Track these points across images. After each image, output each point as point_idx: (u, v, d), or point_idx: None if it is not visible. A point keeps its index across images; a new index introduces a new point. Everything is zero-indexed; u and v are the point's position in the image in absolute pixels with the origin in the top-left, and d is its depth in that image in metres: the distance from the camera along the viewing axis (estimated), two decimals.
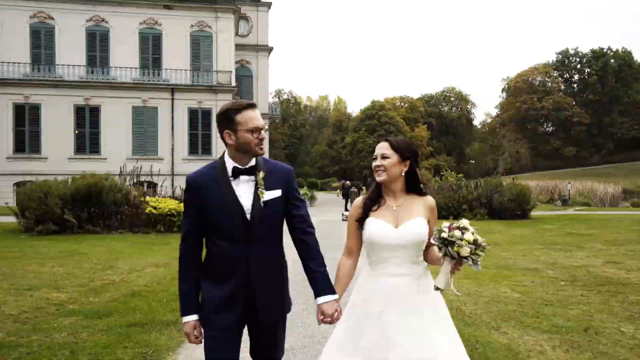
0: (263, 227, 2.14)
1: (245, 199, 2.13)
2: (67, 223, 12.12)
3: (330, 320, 2.15)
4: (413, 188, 2.35)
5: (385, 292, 2.22)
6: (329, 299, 2.17)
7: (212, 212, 2.12)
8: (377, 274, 2.28)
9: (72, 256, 8.57)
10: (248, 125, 2.12)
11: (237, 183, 2.15)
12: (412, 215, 2.28)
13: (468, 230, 2.12)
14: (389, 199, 2.34)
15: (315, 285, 2.20)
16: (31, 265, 7.40)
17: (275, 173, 2.21)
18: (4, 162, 26.09)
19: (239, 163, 2.17)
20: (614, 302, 5.82)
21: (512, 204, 18.19)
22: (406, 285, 2.23)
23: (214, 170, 2.18)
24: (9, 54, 26.70)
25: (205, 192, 2.13)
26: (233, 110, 2.14)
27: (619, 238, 12.12)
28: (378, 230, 2.26)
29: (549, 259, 9.16)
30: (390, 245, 2.25)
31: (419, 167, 2.38)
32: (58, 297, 5.47)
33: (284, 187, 2.21)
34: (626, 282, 6.98)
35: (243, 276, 2.11)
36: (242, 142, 2.13)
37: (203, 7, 29.34)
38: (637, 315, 5.22)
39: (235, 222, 2.11)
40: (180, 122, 28.07)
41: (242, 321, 2.17)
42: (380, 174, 2.30)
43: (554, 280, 7.11)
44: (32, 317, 4.72)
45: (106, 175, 13.75)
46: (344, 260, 2.36)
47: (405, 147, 2.33)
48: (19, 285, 6.02)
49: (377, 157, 2.32)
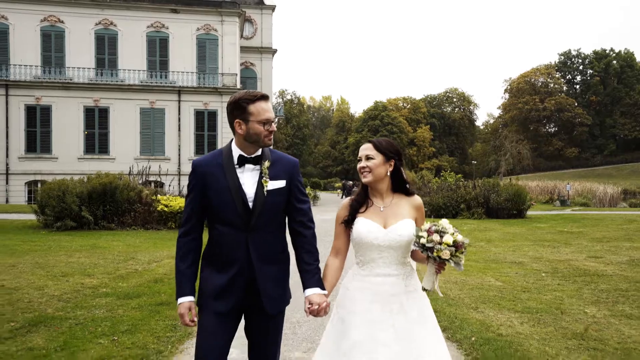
0: (265, 215, 2.15)
1: (249, 187, 2.15)
2: (83, 220, 12.83)
3: (317, 309, 2.13)
4: (399, 188, 2.37)
5: (373, 292, 2.24)
6: (318, 291, 2.17)
7: (215, 197, 2.13)
8: (365, 273, 2.29)
9: (93, 249, 9.29)
10: (260, 116, 2.14)
11: (242, 171, 2.16)
12: (400, 216, 2.31)
13: (447, 232, 2.15)
14: (377, 200, 2.36)
15: (306, 278, 2.20)
16: (60, 257, 8.12)
17: (281, 164, 2.23)
18: (16, 161, 26.89)
19: (245, 152, 2.18)
20: (585, 289, 6.49)
21: (509, 204, 18.83)
22: (393, 285, 2.25)
23: (220, 157, 2.19)
24: (20, 57, 27.50)
25: (210, 177, 2.14)
26: (246, 100, 2.14)
27: (606, 236, 12.75)
28: (367, 230, 2.27)
29: (536, 254, 9.81)
30: (379, 246, 2.26)
31: (403, 166, 2.40)
32: (91, 282, 6.19)
33: (288, 178, 2.22)
34: (602, 273, 7.64)
35: (243, 263, 2.12)
36: (252, 133, 2.14)
37: (209, 11, 30.06)
38: (603, 300, 5.89)
39: (237, 209, 2.11)
40: (186, 123, 28.80)
41: (240, 308, 2.17)
42: (365, 175, 2.33)
43: (536, 272, 7.78)
44: (72, 297, 5.43)
45: (119, 174, 14.47)
46: (332, 260, 2.36)
47: (389, 147, 2.35)
48: (54, 272, 6.74)
49: (362, 158, 2.35)
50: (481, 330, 4.50)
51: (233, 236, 2.12)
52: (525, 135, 75.67)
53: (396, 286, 2.25)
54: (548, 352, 3.98)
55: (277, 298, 2.18)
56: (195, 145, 28.91)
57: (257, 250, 2.13)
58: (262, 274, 2.13)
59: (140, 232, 12.84)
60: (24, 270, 6.84)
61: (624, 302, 5.79)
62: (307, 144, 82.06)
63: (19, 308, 4.94)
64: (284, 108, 73.26)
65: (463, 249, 2.14)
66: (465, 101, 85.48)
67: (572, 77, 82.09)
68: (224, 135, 28.74)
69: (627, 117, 74.26)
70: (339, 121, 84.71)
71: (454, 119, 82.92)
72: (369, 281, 2.26)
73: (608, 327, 4.77)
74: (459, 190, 20.14)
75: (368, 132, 74.03)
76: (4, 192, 26.64)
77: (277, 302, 2.18)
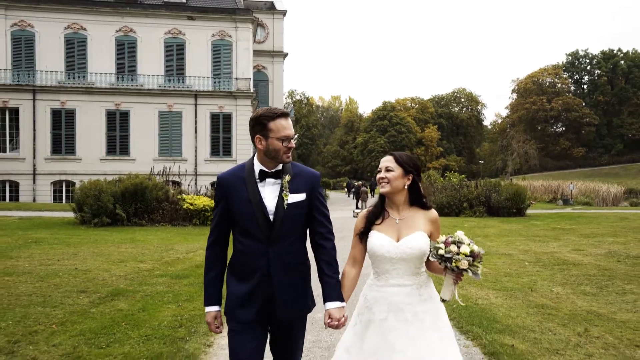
0: (285, 228, 2.23)
1: (270, 201, 2.22)
2: (117, 217, 14.19)
3: (337, 324, 2.24)
4: (416, 201, 2.45)
5: (388, 301, 2.33)
6: (338, 305, 2.27)
7: (237, 210, 2.23)
8: (381, 283, 2.38)
9: (133, 242, 10.61)
10: (280, 133, 2.22)
11: (264, 185, 2.25)
12: (414, 229, 2.37)
13: (464, 243, 2.24)
14: (393, 212, 2.44)
15: (327, 291, 2.29)
16: (109, 248, 9.45)
17: (301, 177, 2.31)
18: (42, 162, 28.42)
19: (266, 167, 2.26)
20: (558, 275, 7.66)
21: (509, 203, 19.93)
22: (408, 295, 2.33)
23: (243, 171, 2.28)
24: (45, 63, 29.02)
25: (232, 190, 2.24)
26: (267, 117, 2.23)
27: (595, 232, 13.85)
28: (379, 244, 2.35)
29: (526, 247, 10.97)
30: (391, 258, 2.34)
31: (421, 181, 2.48)
32: (145, 267, 7.49)
33: (309, 192, 2.30)
34: (578, 263, 8.79)
35: (264, 273, 2.21)
36: (272, 149, 2.22)
37: (223, 17, 31.39)
38: (570, 282, 7.07)
39: (259, 222, 2.20)
40: (202, 125, 30.17)
41: (263, 316, 2.25)
42: (384, 186, 2.42)
43: (521, 262, 8.95)
44: (135, 277, 6.73)
45: (149, 176, 15.83)
46: (349, 269, 2.45)
47: (409, 161, 2.44)
48: (112, 259, 8.06)
49: (382, 169, 2.44)
50: (462, 301, 5.71)
51: (255, 247, 2.21)
52: (533, 135, 76.26)
53: (410, 296, 2.33)
54: (511, 315, 5.20)
55: (292, 306, 2.25)
56: (211, 147, 30.27)
57: (277, 261, 2.21)
58: (281, 283, 2.22)
59: (169, 228, 14.17)
60: (86, 258, 8.17)
61: (587, 284, 6.97)
62: (316, 144, 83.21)
63: (97, 284, 6.25)
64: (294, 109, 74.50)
65: (480, 259, 2.24)
66: (473, 101, 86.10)
67: (579, 77, 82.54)
68: (239, 138, 30.10)
69: (634, 116, 74.62)
70: (348, 121, 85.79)
71: (462, 119, 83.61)
72: (384, 291, 2.36)
73: (566, 300, 5.97)
74: (462, 190, 21.26)
75: (376, 132, 75.05)
76: (32, 192, 28.19)
77: (291, 310, 2.25)
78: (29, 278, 6.45)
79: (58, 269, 7.13)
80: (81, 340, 4.16)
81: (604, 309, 5.55)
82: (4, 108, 28.09)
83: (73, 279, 6.47)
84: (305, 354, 4.00)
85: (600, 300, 5.99)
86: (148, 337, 4.27)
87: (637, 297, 6.15)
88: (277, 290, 2.20)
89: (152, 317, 4.92)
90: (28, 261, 7.68)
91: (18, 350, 3.89)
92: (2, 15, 28.79)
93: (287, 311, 2.23)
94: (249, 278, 2.21)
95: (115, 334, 4.35)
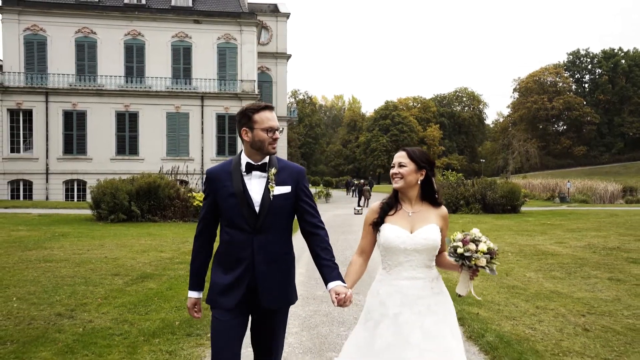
0: (270, 219, 2.31)
1: (256, 193, 2.31)
2: (132, 213, 15.13)
3: (344, 298, 2.20)
4: (428, 197, 2.48)
5: (401, 295, 2.34)
6: (340, 283, 2.27)
7: (222, 202, 2.32)
8: (393, 277, 2.40)
9: (150, 236, 11.54)
10: (264, 124, 2.30)
11: (250, 178, 2.33)
12: (427, 221, 2.41)
13: (481, 241, 2.30)
14: (405, 205, 2.48)
15: (326, 272, 2.32)
16: (130, 240, 10.39)
17: (287, 171, 2.39)
18: (55, 162, 29.45)
19: (252, 159, 2.35)
20: (535, 263, 8.53)
21: (503, 200, 20.79)
22: (421, 288, 2.35)
23: (229, 165, 2.38)
24: (57, 66, 30.04)
25: (218, 183, 2.33)
26: (251, 110, 2.33)
27: (580, 227, 14.69)
28: (394, 235, 2.38)
29: (512, 240, 11.83)
30: (406, 250, 2.37)
31: (434, 176, 2.51)
32: (165, 256, 8.42)
33: (294, 184, 2.37)
34: (557, 253, 9.65)
35: (248, 263, 2.29)
36: (257, 140, 2.31)
37: (228, 21, 32.33)
38: (543, 269, 7.94)
39: (244, 213, 2.28)
40: (209, 126, 31.14)
41: (246, 305, 2.32)
42: (397, 181, 2.46)
43: (505, 253, 9.81)
44: (158, 264, 7.65)
45: (160, 175, 16.78)
46: (356, 258, 2.50)
47: (422, 157, 2.47)
48: (135, 249, 9.00)
49: (395, 165, 2.47)
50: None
51: (240, 238, 2.29)
52: (534, 134, 76.95)
53: (424, 289, 2.36)
54: (483, 293, 6.09)
55: (276, 295, 2.33)
56: (217, 147, 31.24)
57: (262, 251, 2.29)
58: (264, 272, 2.29)
59: (180, 223, 15.10)
60: (112, 248, 9.11)
61: (558, 270, 7.84)
62: (319, 143, 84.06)
63: (127, 269, 7.18)
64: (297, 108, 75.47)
65: (496, 255, 2.31)
66: (475, 100, 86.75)
67: (580, 76, 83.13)
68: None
69: (635, 115, 75.19)
70: (351, 120, 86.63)
71: (464, 118, 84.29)
72: (397, 284, 2.37)
73: (535, 282, 6.85)
74: (459, 188, 22.14)
75: (379, 131, 75.87)
76: (44, 190, 29.23)
77: (275, 299, 2.33)
78: (66, 264, 7.39)
79: (90, 257, 8.07)
80: (124, 309, 5.09)
81: (566, 290, 6.43)
82: (18, 110, 29.13)
83: (105, 265, 7.40)
84: (307, 322, 4.89)
85: (565, 283, 6.87)
86: (178, 307, 5.19)
87: (599, 280, 7.02)
88: (260, 280, 2.28)
89: (178, 293, 5.83)
90: (61, 251, 8.62)
91: (76, 316, 4.82)
92: (16, 20, 29.83)
93: (271, 300, 2.31)
94: (234, 267, 2.29)
95: (150, 305, 5.28)
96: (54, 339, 4.10)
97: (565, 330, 4.60)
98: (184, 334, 4.34)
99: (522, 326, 4.72)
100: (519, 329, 4.62)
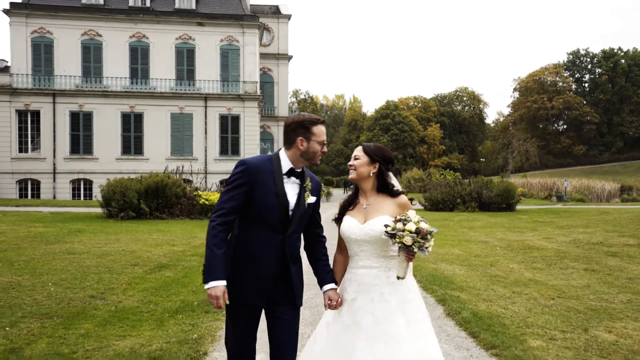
0: (298, 224, 2.48)
1: (291, 197, 2.44)
2: (141, 211, 15.82)
3: (335, 304, 2.52)
4: (383, 189, 2.62)
5: (358, 282, 2.54)
6: (333, 286, 2.56)
7: (261, 199, 2.37)
8: (352, 266, 2.60)
9: (160, 232, 12.22)
10: (320, 137, 2.46)
11: (287, 182, 2.44)
12: (379, 212, 2.54)
13: (410, 220, 2.38)
14: (362, 199, 2.65)
15: (323, 276, 2.59)
16: (142, 235, 11.08)
17: (314, 182, 2.57)
18: (62, 162, 30.18)
19: (295, 166, 2.47)
20: (520, 256, 9.19)
21: (499, 198, 21.44)
22: (375, 277, 2.51)
23: (271, 164, 2.44)
24: (64, 68, 30.77)
25: (262, 178, 2.38)
26: (311, 122, 2.45)
27: (570, 224, 15.33)
28: (347, 226, 2.58)
29: (503, 236, 12.48)
30: (357, 240, 2.54)
31: (389, 170, 2.64)
32: (178, 249, 9.11)
33: (317, 196, 2.58)
34: (542, 247, 10.31)
35: (277, 262, 2.42)
36: (311, 151, 2.44)
37: (231, 23, 33.01)
38: (527, 261, 8.60)
39: (280, 215, 2.39)
40: (212, 126, 31.84)
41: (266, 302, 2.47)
42: (351, 172, 2.66)
43: (494, 247, 10.48)
44: (172, 256, 8.34)
45: (167, 174, 17.47)
46: (337, 256, 2.74)
47: (376, 151, 2.63)
48: (149, 243, 9.69)
49: (352, 158, 2.66)
50: (432, 272, 7.30)
51: (269, 237, 2.40)
52: (534, 133, 77.43)
53: (378, 277, 2.51)
54: (466, 281, 6.77)
55: (301, 293, 2.54)
56: (220, 147, 31.94)
57: (289, 251, 2.45)
58: (292, 272, 2.47)
59: (187, 220, 15.79)
60: (127, 243, 9.79)
61: (540, 262, 8.50)
62: None
63: (144, 260, 7.87)
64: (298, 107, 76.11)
65: (428, 236, 2.35)
66: (475, 100, 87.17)
67: (580, 75, 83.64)
68: (246, 138, 31.80)
69: (634, 115, 75.69)
70: (352, 120, 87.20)
71: (464, 118, 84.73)
72: (354, 273, 2.58)
73: (517, 272, 7.52)
74: (456, 187, 22.80)
75: (379, 130, 76.38)
76: (52, 189, 29.97)
77: (301, 296, 2.55)
78: (88, 256, 8.08)
79: (108, 250, 8.76)
80: (147, 293, 5.77)
81: (543, 278, 7.10)
82: (26, 111, 29.86)
83: (124, 257, 8.09)
84: (308, 303, 5.56)
85: (544, 273, 7.53)
86: (195, 291, 5.87)
87: (575, 271, 7.68)
88: (293, 278, 2.46)
89: (194, 280, 6.51)
90: (82, 245, 9.31)
91: (107, 298, 5.50)
92: (23, 23, 30.55)
93: (301, 297, 2.52)
94: (259, 265, 2.38)
95: (170, 289, 5.96)
96: (92, 314, 4.79)
97: (534, 310, 5.27)
98: (202, 312, 5.03)
99: (496, 306, 5.39)
100: (492, 308, 5.30)
